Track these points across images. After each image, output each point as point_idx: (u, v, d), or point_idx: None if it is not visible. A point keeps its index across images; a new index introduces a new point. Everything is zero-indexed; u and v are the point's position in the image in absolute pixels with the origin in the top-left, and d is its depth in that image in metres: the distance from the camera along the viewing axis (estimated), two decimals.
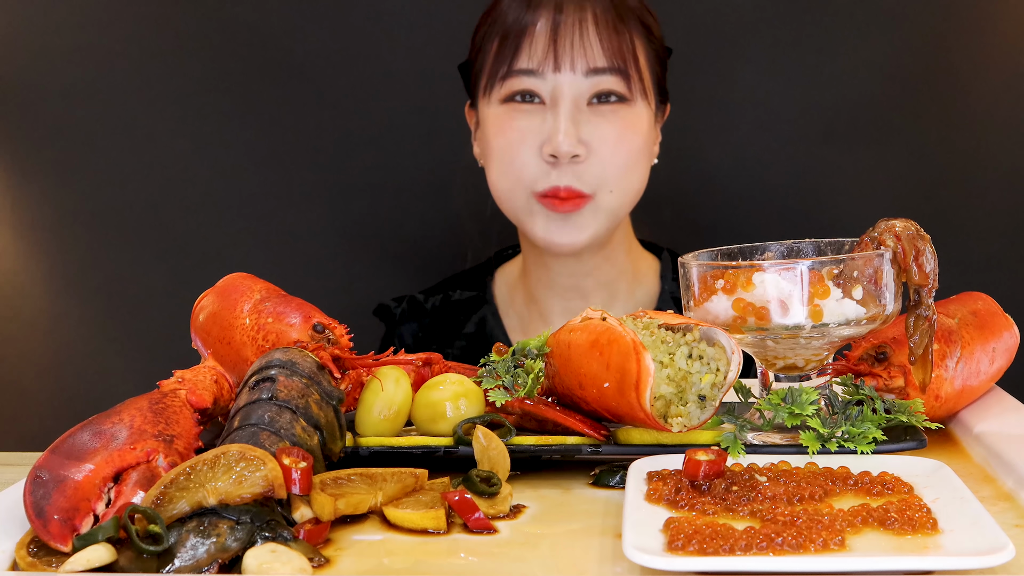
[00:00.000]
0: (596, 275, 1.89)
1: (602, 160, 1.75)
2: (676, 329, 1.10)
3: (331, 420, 1.09)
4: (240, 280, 1.31)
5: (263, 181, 2.43)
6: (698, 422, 1.08)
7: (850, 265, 1.12)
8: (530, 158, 1.76)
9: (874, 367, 1.20)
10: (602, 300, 1.91)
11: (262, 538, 0.92)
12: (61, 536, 0.97)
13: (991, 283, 1.61)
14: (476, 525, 1.00)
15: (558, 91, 1.74)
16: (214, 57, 2.39)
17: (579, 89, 1.75)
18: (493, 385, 1.17)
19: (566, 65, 1.74)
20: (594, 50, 1.74)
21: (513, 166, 1.77)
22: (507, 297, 2.00)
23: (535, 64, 1.75)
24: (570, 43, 1.73)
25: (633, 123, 1.77)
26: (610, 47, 1.74)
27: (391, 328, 2.04)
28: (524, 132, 1.76)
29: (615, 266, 1.91)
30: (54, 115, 2.43)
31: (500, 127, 1.78)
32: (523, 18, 1.76)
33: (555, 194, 1.75)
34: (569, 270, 1.88)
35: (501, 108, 1.79)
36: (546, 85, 1.75)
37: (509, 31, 1.76)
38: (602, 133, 1.75)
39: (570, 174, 1.74)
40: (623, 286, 1.93)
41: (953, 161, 2.32)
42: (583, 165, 1.74)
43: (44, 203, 2.45)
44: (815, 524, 0.90)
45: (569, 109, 1.74)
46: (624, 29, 1.76)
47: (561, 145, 1.72)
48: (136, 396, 1.12)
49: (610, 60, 1.74)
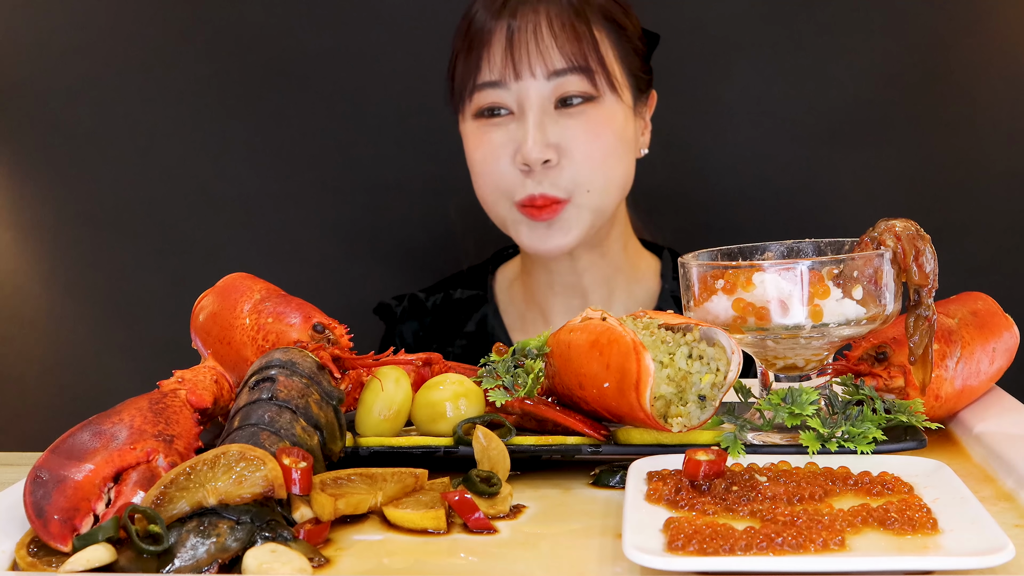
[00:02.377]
0: (593, 272, 1.90)
1: (575, 162, 1.75)
2: (676, 329, 1.10)
3: (331, 420, 1.09)
4: (240, 280, 1.31)
5: (263, 181, 2.43)
6: (698, 422, 1.08)
7: (850, 265, 1.12)
8: (506, 169, 1.77)
9: (874, 367, 1.20)
10: (601, 297, 1.91)
11: (262, 538, 0.92)
12: (61, 536, 0.97)
13: (991, 283, 1.61)
14: (476, 525, 1.00)
15: (523, 99, 1.75)
16: (214, 57, 2.39)
17: (543, 93, 1.75)
18: (493, 385, 1.17)
19: (526, 72, 1.74)
20: (552, 52, 1.74)
21: (492, 178, 1.79)
22: (507, 296, 2.01)
23: (496, 75, 1.76)
24: (526, 49, 1.74)
25: (604, 120, 1.77)
26: (568, 47, 1.74)
27: (391, 327, 2.04)
28: (497, 145, 1.77)
29: (612, 263, 1.91)
30: (54, 115, 2.43)
31: (475, 142, 1.81)
32: (484, 27, 1.77)
33: (531, 203, 1.76)
34: (566, 268, 1.89)
35: (474, 124, 1.81)
36: (510, 95, 1.76)
37: (473, 42, 1.78)
38: (572, 135, 1.75)
39: (545, 181, 1.75)
40: (621, 283, 1.93)
41: (953, 161, 2.32)
42: (556, 170, 1.75)
43: (44, 203, 2.45)
44: (815, 524, 0.90)
45: (536, 116, 1.75)
46: (582, 26, 1.75)
47: (530, 153, 1.73)
48: (136, 396, 1.12)
49: (569, 60, 1.74)
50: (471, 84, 1.78)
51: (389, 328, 2.05)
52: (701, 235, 2.35)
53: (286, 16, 2.38)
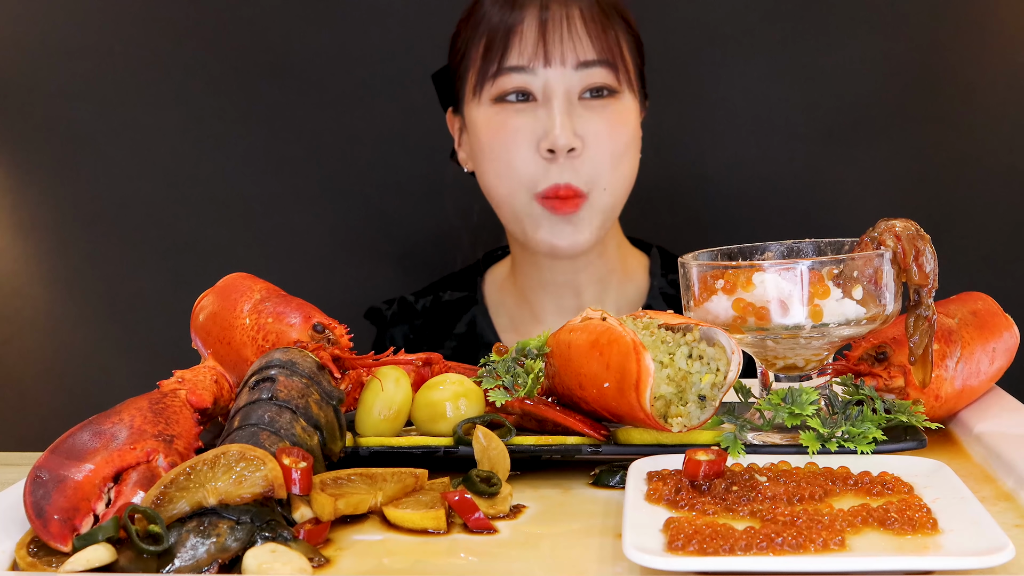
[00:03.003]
0: (589, 272, 1.89)
1: (596, 155, 1.76)
2: (676, 329, 1.10)
3: (331, 420, 1.09)
4: (240, 280, 1.31)
5: (263, 181, 2.43)
6: (698, 422, 1.08)
7: (850, 265, 1.12)
8: (528, 156, 1.76)
9: (874, 367, 1.20)
10: (594, 296, 1.91)
11: (262, 538, 0.92)
12: (61, 536, 0.97)
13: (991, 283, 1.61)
14: (476, 525, 1.00)
15: (550, 86, 1.75)
16: (214, 57, 2.39)
17: (570, 83, 1.75)
18: (493, 385, 1.17)
19: (556, 59, 1.75)
20: (583, 43, 1.75)
21: (511, 166, 1.77)
22: (497, 297, 2.00)
23: (525, 60, 1.75)
24: (559, 38, 1.75)
25: (623, 116, 1.79)
26: (598, 40, 1.76)
27: (382, 331, 2.04)
28: (519, 130, 1.76)
29: (607, 263, 1.91)
30: (54, 115, 2.43)
31: (494, 127, 1.78)
32: (509, 18, 1.77)
33: (555, 193, 1.75)
34: (562, 268, 1.88)
35: (492, 108, 1.79)
36: (537, 81, 1.76)
37: (496, 30, 1.77)
38: (595, 128, 1.76)
39: (568, 170, 1.75)
40: (615, 282, 1.94)
41: (953, 161, 2.32)
42: (579, 160, 1.75)
43: (44, 203, 2.45)
44: (815, 524, 0.90)
45: (562, 103, 1.75)
46: (609, 23, 1.78)
47: (559, 139, 1.72)
48: (136, 396, 1.12)
49: (599, 52, 1.76)
50: (495, 67, 1.77)
51: (380, 332, 2.04)
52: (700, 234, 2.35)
53: (286, 16, 2.38)
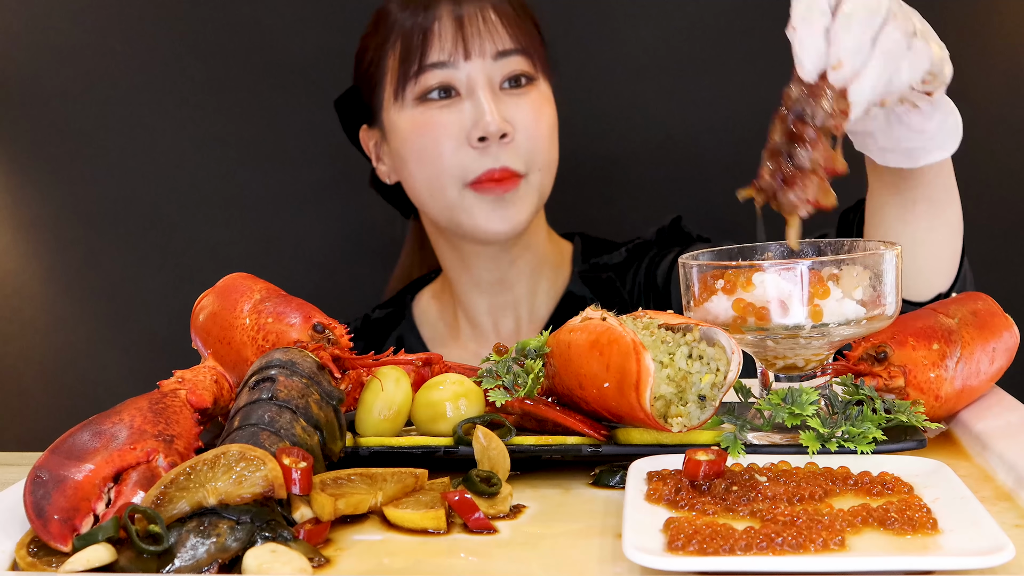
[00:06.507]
0: (519, 264, 1.90)
1: (527, 138, 1.78)
2: (676, 329, 1.10)
3: (331, 420, 1.09)
4: (240, 280, 1.31)
5: (263, 181, 2.43)
6: (698, 422, 1.08)
7: (850, 265, 1.12)
8: (456, 148, 1.77)
9: (874, 367, 1.20)
10: (527, 289, 1.92)
11: (262, 538, 0.92)
12: (61, 536, 0.97)
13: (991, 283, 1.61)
14: (476, 525, 1.00)
15: (472, 78, 1.77)
16: (214, 57, 2.39)
17: (491, 73, 1.78)
18: (493, 385, 1.17)
19: (476, 51, 1.77)
20: (500, 34, 1.78)
21: (440, 159, 1.78)
22: (426, 310, 2.01)
23: (446, 55, 1.77)
24: (476, 31, 1.77)
25: (544, 101, 1.83)
26: (513, 30, 1.80)
27: None
28: (445, 125, 1.77)
29: (536, 254, 1.92)
30: (54, 115, 2.43)
31: (419, 125, 1.79)
32: (422, 19, 1.79)
33: (489, 177, 1.76)
34: (493, 264, 1.89)
35: (416, 109, 1.80)
36: (460, 74, 1.77)
37: (411, 32, 1.79)
38: (522, 114, 1.78)
39: (503, 155, 1.76)
40: (547, 273, 1.94)
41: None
42: (511, 145, 1.77)
43: (44, 203, 2.45)
44: (815, 524, 0.90)
45: (487, 92, 1.77)
46: (520, 17, 1.82)
47: (490, 125, 1.74)
48: (136, 396, 1.12)
49: (515, 42, 1.79)
50: (416, 67, 1.78)
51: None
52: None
53: (286, 16, 2.38)
